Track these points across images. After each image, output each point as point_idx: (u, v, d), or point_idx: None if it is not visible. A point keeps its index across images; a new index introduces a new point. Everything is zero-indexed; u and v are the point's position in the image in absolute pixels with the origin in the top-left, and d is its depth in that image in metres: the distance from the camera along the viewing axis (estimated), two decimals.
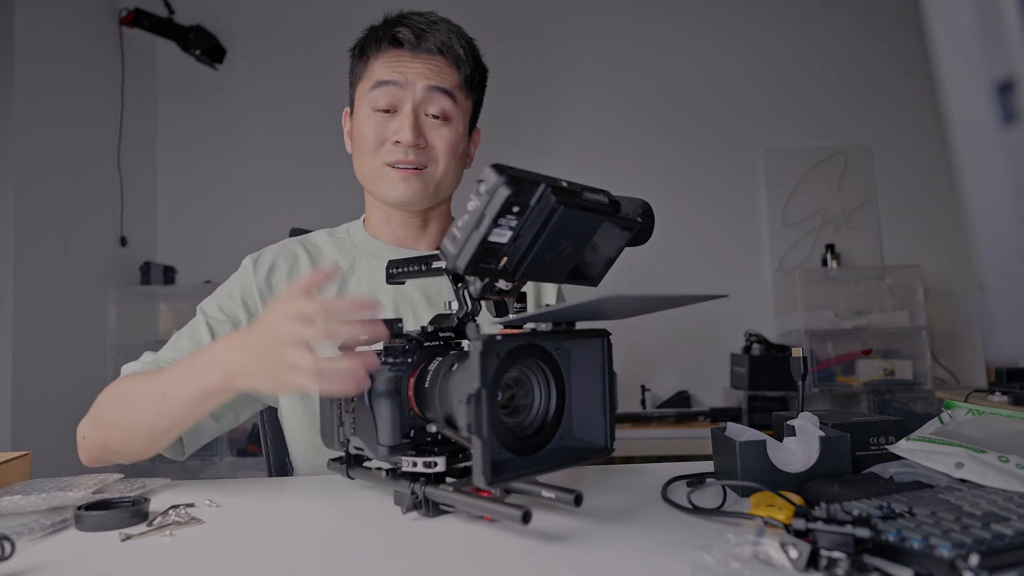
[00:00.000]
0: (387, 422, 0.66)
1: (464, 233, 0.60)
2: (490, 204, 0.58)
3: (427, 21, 1.04)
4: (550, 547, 0.59)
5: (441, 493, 0.65)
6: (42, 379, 2.66)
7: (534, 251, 0.63)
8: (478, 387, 0.57)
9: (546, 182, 0.60)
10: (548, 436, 0.67)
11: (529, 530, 0.63)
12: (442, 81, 1.02)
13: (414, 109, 1.01)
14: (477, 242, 0.60)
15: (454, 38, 1.04)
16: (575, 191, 0.63)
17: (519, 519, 0.56)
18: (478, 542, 0.61)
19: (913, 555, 0.50)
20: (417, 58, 1.02)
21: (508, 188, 0.57)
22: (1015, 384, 2.13)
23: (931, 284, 3.11)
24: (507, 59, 3.50)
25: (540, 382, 0.68)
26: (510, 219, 0.60)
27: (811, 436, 0.72)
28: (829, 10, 3.40)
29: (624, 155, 3.35)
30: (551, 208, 0.60)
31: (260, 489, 0.86)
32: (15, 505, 0.72)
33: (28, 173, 2.63)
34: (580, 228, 0.65)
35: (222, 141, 3.50)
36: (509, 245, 0.62)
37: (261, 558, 0.61)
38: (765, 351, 2.80)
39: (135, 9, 3.12)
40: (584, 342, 0.68)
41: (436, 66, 1.02)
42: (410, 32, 1.01)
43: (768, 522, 0.57)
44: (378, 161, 1.03)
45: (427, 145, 1.02)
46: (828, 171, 3.35)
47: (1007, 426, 0.78)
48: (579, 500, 0.61)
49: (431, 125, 1.02)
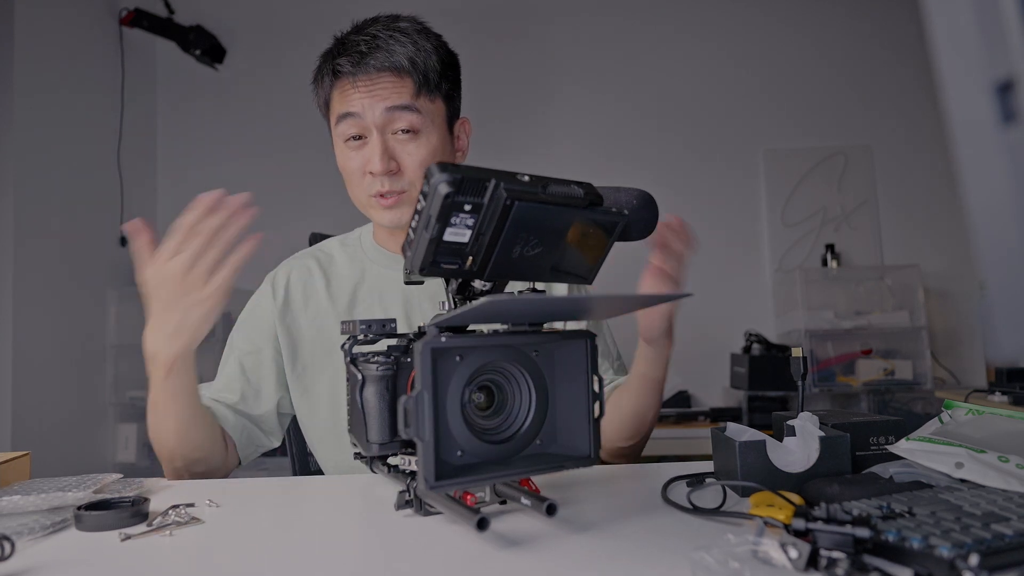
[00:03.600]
0: (376, 420, 0.66)
1: (416, 234, 0.60)
2: (431, 203, 0.58)
3: (370, 40, 0.99)
4: (550, 547, 0.59)
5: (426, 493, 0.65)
6: (42, 379, 2.66)
7: (497, 249, 0.61)
8: (419, 390, 0.57)
9: (497, 177, 0.59)
10: (527, 440, 0.66)
11: (529, 530, 0.63)
12: (398, 98, 0.98)
13: (380, 134, 0.99)
14: (426, 242, 0.59)
15: (396, 48, 0.98)
16: (535, 185, 0.60)
17: (474, 524, 0.56)
18: (478, 542, 0.61)
19: (913, 555, 0.50)
20: (362, 84, 0.99)
21: (448, 186, 0.56)
22: (1015, 384, 2.13)
23: (931, 284, 3.11)
24: (505, 59, 3.50)
25: (518, 385, 0.66)
26: (465, 218, 0.59)
27: (811, 436, 0.72)
28: (829, 10, 3.40)
29: (624, 155, 3.35)
30: (504, 204, 0.59)
31: (260, 489, 0.86)
32: (15, 505, 0.72)
33: (28, 173, 2.63)
34: (548, 223, 0.62)
35: (222, 141, 3.50)
36: (471, 244, 0.61)
37: (261, 558, 0.61)
38: (765, 351, 2.80)
39: (135, 9, 3.13)
40: (566, 344, 0.66)
41: (385, 84, 0.99)
42: (347, 62, 0.99)
43: (768, 522, 0.57)
44: (363, 192, 1.03)
45: (399, 169, 1.00)
46: (828, 171, 3.35)
47: (1007, 426, 0.78)
48: (552, 510, 0.59)
49: (401, 144, 1.00)
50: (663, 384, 0.98)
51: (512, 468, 0.63)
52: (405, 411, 0.57)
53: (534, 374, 0.66)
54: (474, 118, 1.18)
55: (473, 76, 1.19)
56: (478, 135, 1.35)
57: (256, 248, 0.79)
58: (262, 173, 3.46)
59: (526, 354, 0.65)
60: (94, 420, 3.00)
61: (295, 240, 1.48)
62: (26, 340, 2.58)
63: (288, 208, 3.37)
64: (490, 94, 3.38)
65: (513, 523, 0.66)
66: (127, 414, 3.10)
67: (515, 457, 0.65)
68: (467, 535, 0.63)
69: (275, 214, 3.37)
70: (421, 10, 1.10)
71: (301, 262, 1.16)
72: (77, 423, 2.88)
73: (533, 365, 0.66)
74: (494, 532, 0.63)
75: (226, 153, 3.49)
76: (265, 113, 3.48)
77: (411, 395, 0.57)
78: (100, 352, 3.05)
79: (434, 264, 0.61)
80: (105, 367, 3.07)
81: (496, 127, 3.24)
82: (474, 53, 3.82)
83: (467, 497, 0.66)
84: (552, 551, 0.58)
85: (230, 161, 3.48)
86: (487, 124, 2.74)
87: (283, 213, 3.41)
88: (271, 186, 3.45)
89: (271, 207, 3.60)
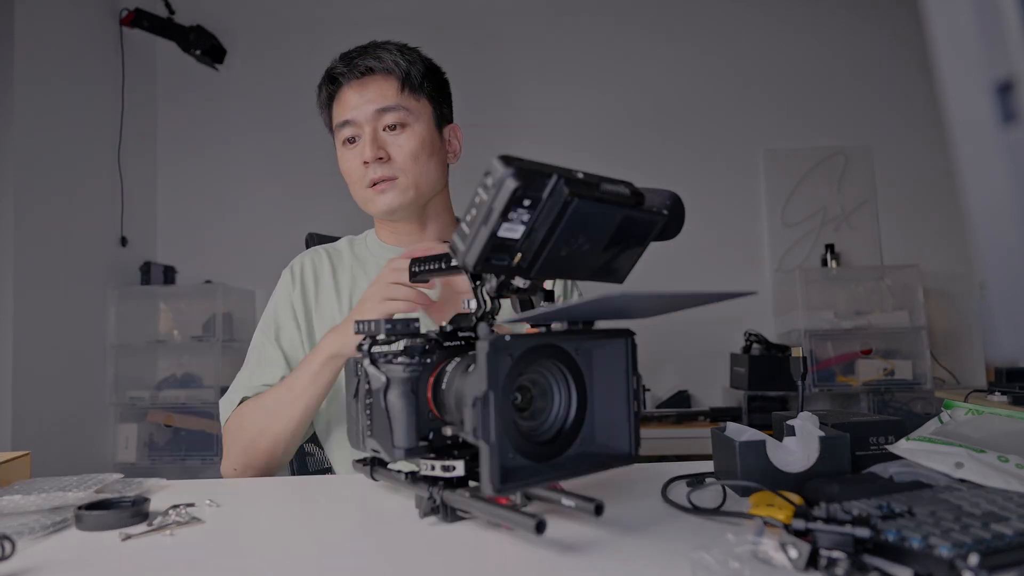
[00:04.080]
0: (402, 424, 0.64)
1: (472, 228, 0.58)
2: (497, 197, 0.56)
3: (360, 49, 1.13)
4: (549, 547, 0.59)
5: (457, 498, 0.63)
6: (42, 379, 2.66)
7: (549, 246, 0.60)
8: (485, 390, 0.54)
9: (559, 173, 0.57)
10: (567, 441, 0.64)
11: (528, 530, 0.63)
12: (384, 98, 1.11)
13: (371, 130, 1.11)
14: (485, 237, 0.57)
15: (384, 53, 1.12)
16: (591, 182, 0.59)
17: (532, 528, 0.54)
18: (476, 546, 0.61)
19: (913, 555, 0.50)
20: (356, 86, 1.12)
21: (515, 180, 0.55)
22: (1015, 384, 2.13)
23: (931, 284, 3.11)
24: (504, 60, 3.50)
25: (560, 385, 0.65)
26: (521, 213, 0.57)
27: (811, 436, 0.72)
28: (829, 10, 3.40)
29: (624, 155, 3.35)
30: (564, 200, 0.57)
31: (260, 489, 0.86)
32: (15, 505, 0.72)
33: (28, 173, 2.63)
34: (599, 222, 0.61)
35: (222, 141, 3.50)
36: (522, 240, 0.59)
37: (261, 558, 0.61)
38: (765, 351, 2.80)
39: (135, 9, 3.12)
40: (607, 343, 0.65)
41: (374, 85, 1.11)
42: (343, 64, 1.13)
43: (768, 522, 0.57)
44: (361, 187, 1.13)
45: (389, 158, 1.10)
46: (828, 171, 3.35)
47: (1007, 426, 0.78)
48: (600, 509, 0.59)
49: (390, 138, 1.11)
50: None
51: (562, 468, 0.62)
52: (471, 413, 0.55)
53: (575, 374, 0.64)
54: (467, 121, 1.20)
55: (467, 78, 1.19)
56: (473, 136, 1.36)
57: None
58: (262, 173, 3.47)
59: (568, 353, 0.64)
60: (94, 420, 3.00)
61: (293, 240, 1.49)
62: (26, 340, 2.58)
63: (287, 208, 3.38)
64: (486, 93, 3.38)
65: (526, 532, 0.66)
66: (127, 414, 3.10)
67: (560, 457, 0.64)
68: (464, 535, 0.63)
69: (274, 214, 3.39)
70: (416, 12, 1.11)
71: (314, 255, 1.22)
72: (77, 423, 2.88)
73: (574, 365, 0.64)
74: (492, 533, 0.63)
75: (226, 153, 3.49)
76: (265, 113, 3.47)
77: (478, 396, 0.54)
78: (100, 352, 3.05)
79: (487, 260, 0.59)
80: (105, 367, 3.06)
81: (494, 127, 3.24)
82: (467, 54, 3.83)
83: (501, 501, 0.64)
84: (551, 551, 0.58)
85: (230, 161, 3.48)
86: (481, 125, 2.73)
87: (282, 213, 3.42)
88: (270, 186, 3.45)
89: (271, 207, 3.61)
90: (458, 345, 0.70)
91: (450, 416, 0.65)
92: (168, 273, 3.34)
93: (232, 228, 3.42)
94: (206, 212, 3.47)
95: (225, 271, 3.28)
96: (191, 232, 3.47)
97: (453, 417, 0.64)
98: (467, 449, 0.69)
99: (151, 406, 3.07)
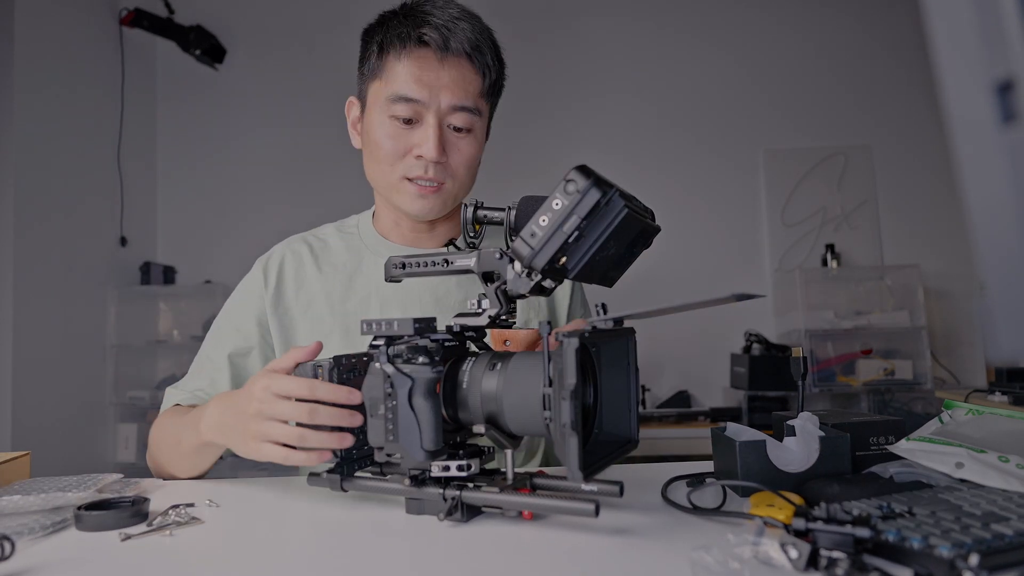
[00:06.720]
0: (431, 426, 0.65)
1: (547, 232, 0.62)
2: (579, 205, 0.61)
3: (449, 16, 0.95)
4: (548, 547, 0.59)
5: (484, 496, 0.65)
6: (42, 379, 2.66)
7: (592, 251, 0.64)
8: (575, 383, 0.57)
9: (614, 186, 0.63)
10: (591, 430, 0.69)
11: (525, 530, 0.63)
12: (466, 96, 0.96)
13: (439, 124, 0.95)
14: (561, 241, 0.62)
15: (480, 38, 0.97)
16: (630, 196, 0.65)
17: (592, 512, 0.59)
18: (477, 546, 0.61)
19: (913, 555, 0.50)
20: (444, 64, 0.95)
21: (599, 191, 0.60)
22: (1015, 384, 2.13)
23: (931, 284, 3.11)
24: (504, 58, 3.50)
25: (585, 380, 0.68)
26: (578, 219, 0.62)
27: (811, 436, 0.72)
28: (829, 10, 3.40)
29: (624, 155, 3.35)
30: (618, 211, 0.62)
31: (260, 489, 0.86)
32: (15, 505, 0.72)
33: (28, 173, 2.63)
34: (629, 231, 0.67)
35: (222, 141, 3.50)
36: (571, 245, 0.63)
37: (261, 558, 0.61)
38: (765, 351, 2.80)
39: (135, 9, 3.13)
40: (613, 340, 0.69)
41: (462, 75, 0.96)
42: (437, 33, 0.94)
43: (768, 522, 0.57)
44: (396, 173, 0.98)
45: (447, 161, 0.97)
46: (828, 171, 3.35)
47: (1007, 426, 0.78)
48: (622, 490, 0.65)
49: (453, 139, 0.97)
50: None
51: (592, 454, 0.65)
52: (568, 406, 0.57)
53: (592, 369, 0.68)
54: None
55: None
56: None
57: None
58: (262, 173, 3.46)
59: (589, 350, 0.67)
60: (94, 420, 3.00)
61: None
62: (26, 340, 2.58)
63: (287, 208, 3.38)
64: None
65: (509, 524, 0.66)
66: (127, 414, 3.10)
67: (592, 444, 0.67)
68: (464, 535, 0.63)
69: (274, 214, 3.38)
70: None
71: (293, 247, 1.10)
72: (77, 423, 2.88)
73: (591, 360, 0.68)
74: (491, 533, 0.63)
75: (226, 153, 3.49)
76: (265, 113, 3.47)
77: (572, 390, 0.57)
78: (100, 352, 3.05)
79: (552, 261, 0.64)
80: (105, 367, 3.06)
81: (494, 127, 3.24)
82: None
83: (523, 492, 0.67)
84: (551, 550, 0.58)
85: (230, 161, 3.48)
86: None
87: (282, 213, 3.41)
88: (270, 186, 3.45)
89: (271, 207, 3.61)
90: (455, 345, 0.72)
91: (469, 416, 0.68)
92: (168, 273, 3.34)
93: (232, 228, 3.42)
94: (206, 212, 3.47)
95: (225, 271, 3.28)
96: (191, 232, 3.47)
97: (475, 416, 0.67)
98: (468, 448, 0.70)
99: (151, 406, 3.07)
